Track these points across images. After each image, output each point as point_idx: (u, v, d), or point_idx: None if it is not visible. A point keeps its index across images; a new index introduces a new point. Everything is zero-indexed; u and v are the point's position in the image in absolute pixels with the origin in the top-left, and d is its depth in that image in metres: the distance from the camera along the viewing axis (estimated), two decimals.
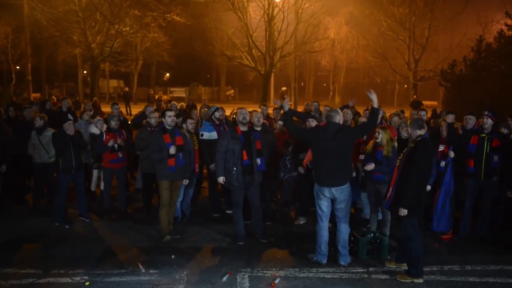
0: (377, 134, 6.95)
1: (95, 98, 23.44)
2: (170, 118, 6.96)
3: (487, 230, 7.27)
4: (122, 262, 6.16)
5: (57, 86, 44.26)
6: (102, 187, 9.02)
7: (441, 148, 7.44)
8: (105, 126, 8.53)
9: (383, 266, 6.15)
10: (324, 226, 6.19)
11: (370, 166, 6.86)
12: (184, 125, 7.80)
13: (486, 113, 7.24)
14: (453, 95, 22.76)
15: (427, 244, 6.76)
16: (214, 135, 8.18)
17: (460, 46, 29.68)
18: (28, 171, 9.36)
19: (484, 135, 7.16)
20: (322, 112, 10.38)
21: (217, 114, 8.47)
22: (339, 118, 6.12)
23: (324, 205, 6.13)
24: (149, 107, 10.11)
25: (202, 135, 8.18)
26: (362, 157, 7.50)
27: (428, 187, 6.55)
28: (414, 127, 5.69)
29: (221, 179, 6.83)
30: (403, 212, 5.52)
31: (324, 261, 6.18)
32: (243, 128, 6.87)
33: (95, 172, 9.36)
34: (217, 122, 8.42)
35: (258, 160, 6.86)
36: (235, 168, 6.71)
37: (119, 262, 6.19)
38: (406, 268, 5.84)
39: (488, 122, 7.16)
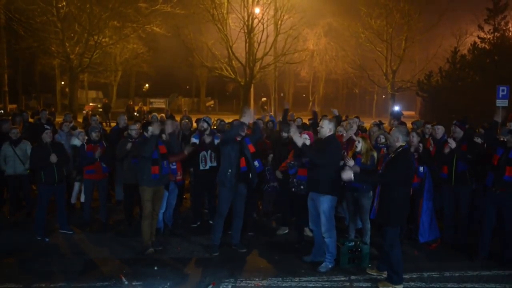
0: (357, 143, 7.08)
1: (87, 110, 23.25)
2: (151, 134, 6.95)
3: (465, 237, 7.46)
4: (104, 275, 6.11)
5: (34, 97, 43.68)
6: (82, 199, 8.95)
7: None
8: (86, 138, 8.47)
9: (364, 274, 6.24)
10: None
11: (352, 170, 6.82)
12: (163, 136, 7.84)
13: (454, 122, 7.54)
14: (430, 105, 23.29)
15: (406, 251, 6.88)
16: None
17: (436, 57, 30.50)
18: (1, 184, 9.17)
19: None
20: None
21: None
22: None
23: None
24: (122, 116, 10.06)
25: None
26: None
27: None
28: (400, 137, 5.81)
29: None
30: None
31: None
32: (238, 137, 6.97)
33: (76, 185, 9.26)
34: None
35: (256, 162, 7.07)
36: (230, 170, 6.81)
37: (101, 274, 6.14)
38: (387, 275, 5.94)
39: (457, 130, 7.40)
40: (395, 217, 5.68)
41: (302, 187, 7.10)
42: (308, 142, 6.66)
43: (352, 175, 5.75)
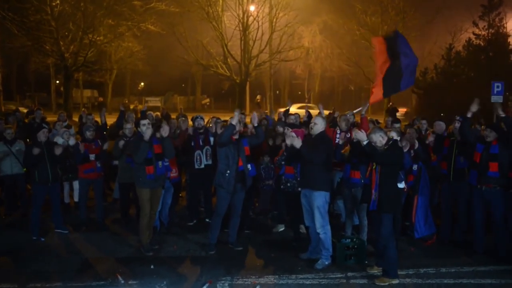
0: (354, 140, 7.05)
1: (83, 109, 23.02)
2: (144, 127, 6.85)
3: (461, 234, 7.46)
4: (100, 274, 6.09)
5: (29, 96, 43.47)
6: (75, 198, 8.92)
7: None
8: (71, 138, 8.39)
9: (361, 271, 6.24)
10: None
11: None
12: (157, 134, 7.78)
13: (457, 117, 7.48)
14: (425, 101, 23.37)
15: (402, 248, 6.90)
16: None
17: (431, 54, 30.56)
18: None
19: (453, 138, 7.34)
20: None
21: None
22: None
23: None
24: (131, 114, 10.01)
25: None
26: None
27: (403, 185, 6.73)
28: (382, 135, 5.91)
29: None
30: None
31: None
32: (235, 136, 6.88)
33: (66, 185, 9.23)
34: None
35: (249, 166, 6.97)
36: (228, 171, 6.73)
37: (97, 273, 6.12)
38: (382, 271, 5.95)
39: (459, 126, 7.36)
40: (389, 203, 5.79)
41: (289, 184, 7.15)
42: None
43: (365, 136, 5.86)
